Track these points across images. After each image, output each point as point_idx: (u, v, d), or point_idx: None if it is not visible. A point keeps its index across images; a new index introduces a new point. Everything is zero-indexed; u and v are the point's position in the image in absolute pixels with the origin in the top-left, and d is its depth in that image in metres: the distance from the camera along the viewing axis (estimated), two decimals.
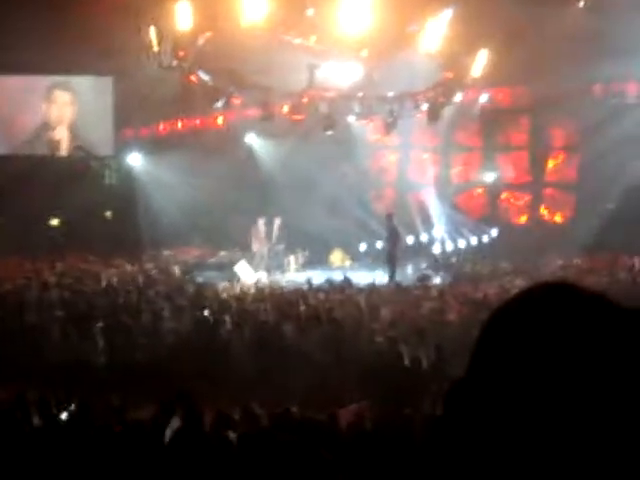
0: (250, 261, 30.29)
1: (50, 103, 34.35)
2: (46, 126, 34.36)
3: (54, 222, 33.56)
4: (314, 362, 13.74)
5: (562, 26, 28.12)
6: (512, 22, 25.99)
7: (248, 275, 26.98)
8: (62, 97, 34.34)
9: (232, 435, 8.89)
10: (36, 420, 9.89)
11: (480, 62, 26.61)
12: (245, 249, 31.41)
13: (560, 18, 28.18)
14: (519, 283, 23.41)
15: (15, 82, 34.23)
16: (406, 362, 13.08)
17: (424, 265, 29.65)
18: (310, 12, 25.89)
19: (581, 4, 29.04)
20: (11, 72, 33.38)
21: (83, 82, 34.39)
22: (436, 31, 25.59)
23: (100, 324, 15.77)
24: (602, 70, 28.30)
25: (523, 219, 34.22)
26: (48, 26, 27.38)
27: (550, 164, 33.97)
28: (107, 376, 13.40)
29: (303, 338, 14.95)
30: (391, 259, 27.68)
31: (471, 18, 25.96)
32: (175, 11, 25.52)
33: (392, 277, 26.77)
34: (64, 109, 34.38)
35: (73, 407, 10.71)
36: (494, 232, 33.19)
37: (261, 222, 30.62)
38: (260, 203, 31.54)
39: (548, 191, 34.00)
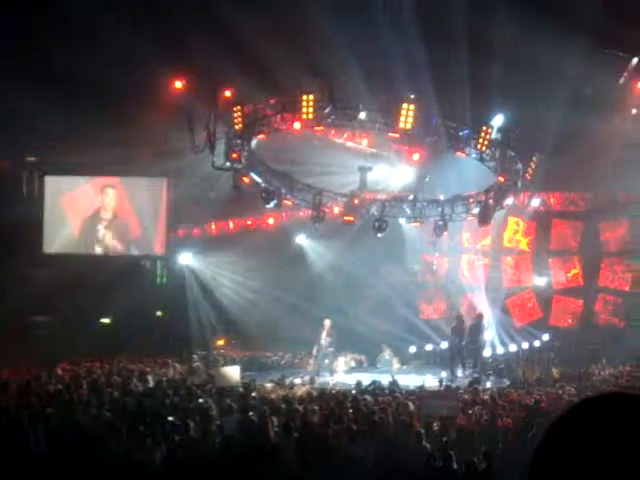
0: (302, 362, 30.37)
1: (105, 203, 34.81)
2: (100, 225, 34.76)
3: (105, 321, 33.73)
4: (362, 466, 13.55)
5: (616, 133, 28.25)
6: (565, 128, 26.13)
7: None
8: (116, 197, 34.81)
9: None
10: None
11: (532, 166, 26.68)
12: (294, 349, 31.44)
13: (614, 125, 28.30)
14: (570, 390, 23.12)
15: (71, 183, 34.82)
16: (455, 466, 12.87)
17: (471, 369, 29.36)
18: (362, 116, 26.21)
19: (634, 111, 29.12)
20: (70, 173, 34.04)
21: (137, 183, 34.87)
22: (488, 135, 25.73)
23: (148, 424, 15.71)
24: None
25: (575, 324, 33.85)
26: (106, 130, 27.97)
27: (602, 269, 33.73)
28: (154, 478, 13.30)
29: (350, 441, 14.79)
30: (476, 354, 28.66)
31: (524, 123, 26.14)
32: (229, 113, 25.95)
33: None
34: (118, 209, 34.81)
35: None
36: (545, 337, 32.87)
37: (326, 323, 30.47)
38: (310, 303, 31.52)
39: (601, 296, 33.69)
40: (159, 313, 34.41)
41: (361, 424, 16.01)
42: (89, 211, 34.81)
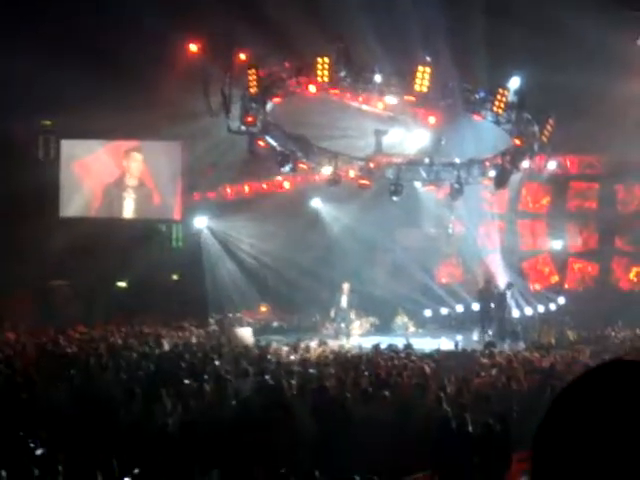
0: (317, 325, 30.48)
1: (122, 167, 34.82)
2: (119, 189, 34.80)
3: (122, 284, 33.85)
4: (378, 428, 13.59)
5: (633, 95, 28.01)
6: (582, 90, 25.92)
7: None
8: (135, 161, 34.82)
9: None
10: None
11: (549, 129, 26.52)
12: (309, 312, 31.51)
13: (632, 87, 28.07)
14: (586, 352, 23.12)
15: (87, 147, 34.84)
16: (470, 429, 12.89)
17: (490, 332, 29.37)
18: (378, 79, 26.09)
19: None
20: (86, 137, 34.03)
21: (153, 147, 34.87)
22: (504, 98, 25.59)
23: (164, 388, 15.77)
24: None
25: (591, 287, 33.79)
26: (121, 93, 27.91)
27: (619, 232, 33.62)
28: (170, 441, 13.35)
29: (367, 404, 14.83)
30: (500, 321, 28.92)
31: (539, 85, 25.97)
32: (244, 76, 25.86)
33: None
34: (136, 173, 34.82)
35: (137, 471, 10.67)
36: (561, 300, 32.85)
37: (345, 286, 30.60)
38: (325, 267, 31.59)
39: (616, 259, 33.62)
40: (175, 277, 34.52)
41: (377, 387, 16.06)
42: (111, 177, 34.79)
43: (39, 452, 11.05)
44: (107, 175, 34.80)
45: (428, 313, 32.99)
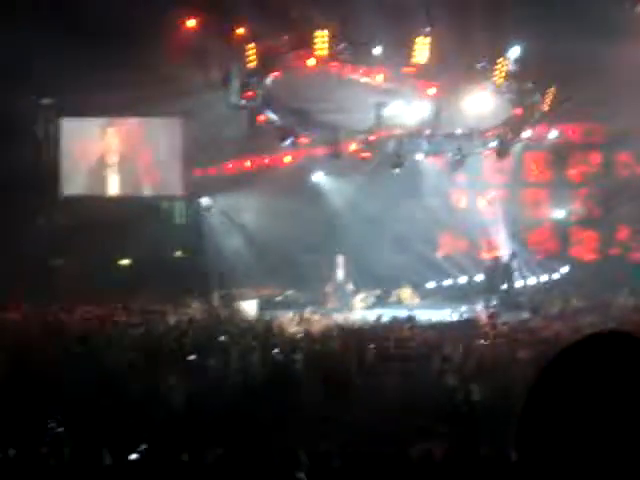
0: (320, 299, 30.43)
1: (122, 144, 34.73)
2: (118, 167, 34.72)
3: (123, 262, 33.81)
4: (384, 399, 13.63)
5: (633, 62, 27.87)
6: (582, 58, 25.80)
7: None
8: (133, 138, 34.73)
9: (301, 475, 8.82)
10: (107, 459, 9.88)
11: (549, 98, 26.43)
12: (312, 287, 31.45)
13: (632, 55, 27.92)
14: (590, 321, 23.11)
15: (89, 125, 34.72)
16: (474, 399, 12.93)
17: (494, 302, 29.37)
18: (377, 51, 25.97)
19: None
20: (86, 115, 33.90)
21: (153, 123, 34.76)
22: (505, 67, 25.49)
23: (169, 363, 15.80)
24: None
25: (594, 256, 33.74)
26: (120, 71, 27.77)
27: (622, 200, 33.52)
28: (177, 417, 13.38)
29: (372, 375, 14.87)
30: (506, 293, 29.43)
31: (541, 54, 25.84)
32: (242, 51, 25.76)
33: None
34: (135, 150, 34.75)
35: (143, 447, 10.69)
36: (564, 269, 32.83)
37: (339, 259, 30.79)
38: (327, 241, 31.56)
39: (620, 227, 33.55)
40: (178, 253, 34.50)
41: (382, 358, 16.10)
42: (110, 154, 34.72)
43: (57, 431, 11.10)
44: (107, 153, 34.72)
45: (431, 285, 32.98)
